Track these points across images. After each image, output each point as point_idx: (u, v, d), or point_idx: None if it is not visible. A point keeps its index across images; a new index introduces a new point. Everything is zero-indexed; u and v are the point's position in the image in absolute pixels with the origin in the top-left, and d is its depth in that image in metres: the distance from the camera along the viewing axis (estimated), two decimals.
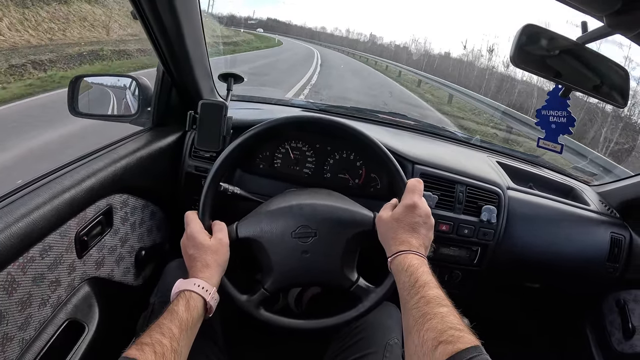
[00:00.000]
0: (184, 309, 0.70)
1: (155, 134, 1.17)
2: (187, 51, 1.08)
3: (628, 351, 1.29)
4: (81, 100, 1.17)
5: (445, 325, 0.57)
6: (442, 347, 0.54)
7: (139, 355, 0.58)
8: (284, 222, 0.88)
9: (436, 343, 0.55)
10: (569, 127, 0.96)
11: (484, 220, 1.19)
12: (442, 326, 0.57)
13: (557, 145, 0.99)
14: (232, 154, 0.93)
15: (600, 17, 0.74)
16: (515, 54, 0.83)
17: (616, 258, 1.29)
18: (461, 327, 0.57)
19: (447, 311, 0.61)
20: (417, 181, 0.87)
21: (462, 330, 0.56)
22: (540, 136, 1.01)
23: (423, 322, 0.60)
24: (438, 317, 0.59)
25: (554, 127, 0.97)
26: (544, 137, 1.00)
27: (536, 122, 1.00)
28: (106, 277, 1.00)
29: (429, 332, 0.58)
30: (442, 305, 0.62)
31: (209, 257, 0.80)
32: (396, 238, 0.79)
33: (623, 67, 0.91)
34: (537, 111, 1.00)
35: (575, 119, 0.95)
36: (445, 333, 0.56)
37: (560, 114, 0.96)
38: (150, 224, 1.18)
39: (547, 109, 0.97)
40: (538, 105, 0.99)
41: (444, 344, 0.54)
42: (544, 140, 1.00)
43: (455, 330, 0.56)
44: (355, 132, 0.94)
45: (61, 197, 0.78)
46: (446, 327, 0.57)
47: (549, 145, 1.00)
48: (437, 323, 0.58)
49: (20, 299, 0.72)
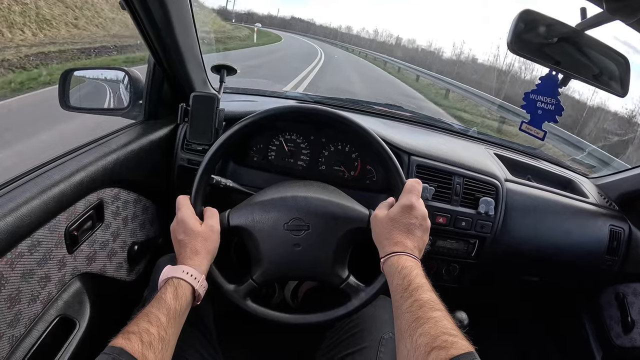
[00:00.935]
0: (172, 297, 0.69)
1: (146, 127, 1.15)
2: (177, 42, 1.06)
3: (627, 345, 1.28)
4: (73, 94, 1.16)
5: (438, 330, 0.57)
6: (435, 353, 0.53)
7: (126, 344, 0.58)
8: (277, 213, 0.87)
9: (429, 349, 0.54)
10: (555, 116, 0.94)
11: (482, 213, 1.18)
12: (435, 331, 0.57)
13: (540, 131, 0.97)
14: (230, 140, 0.90)
15: (600, 3, 0.73)
16: (513, 41, 0.82)
17: (615, 251, 1.28)
18: (455, 333, 0.56)
19: (440, 315, 0.60)
20: (416, 182, 0.85)
21: (456, 335, 0.56)
22: (524, 120, 0.99)
23: (416, 327, 0.59)
24: (431, 321, 0.58)
25: (540, 113, 0.95)
26: (527, 121, 0.98)
27: (522, 105, 0.98)
28: (98, 273, 0.99)
29: (422, 337, 0.57)
30: (435, 310, 0.61)
31: (199, 244, 0.79)
32: (391, 238, 0.78)
33: (623, 55, 0.90)
34: (525, 94, 0.97)
35: (563, 108, 0.93)
36: (438, 338, 0.55)
37: (550, 101, 0.93)
38: (142, 218, 1.17)
39: (536, 94, 0.95)
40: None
41: (437, 350, 0.53)
42: (527, 125, 0.98)
43: (449, 335, 0.55)
44: (357, 126, 0.92)
45: (50, 191, 0.77)
46: (440, 332, 0.56)
47: (532, 130, 0.97)
48: (431, 328, 0.57)
49: (9, 295, 0.71)
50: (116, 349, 0.57)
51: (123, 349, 0.57)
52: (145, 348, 0.59)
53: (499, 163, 1.38)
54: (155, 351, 0.60)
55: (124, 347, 0.57)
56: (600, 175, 1.54)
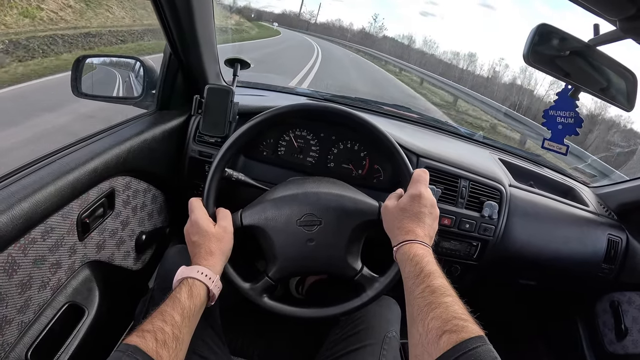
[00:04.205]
0: (187, 297, 0.69)
1: (159, 117, 1.16)
2: (197, 33, 1.06)
3: (620, 352, 1.31)
4: (85, 81, 1.15)
5: (449, 314, 0.58)
6: (446, 336, 0.54)
7: (140, 342, 0.58)
8: (289, 210, 0.88)
9: (440, 332, 0.55)
10: (576, 128, 0.95)
11: (486, 216, 1.20)
12: (446, 315, 0.58)
13: (563, 146, 0.98)
14: (238, 141, 0.92)
15: (613, 22, 0.74)
16: (528, 53, 0.83)
17: (612, 260, 1.31)
18: (466, 317, 0.57)
19: (451, 301, 0.61)
20: (422, 171, 0.87)
21: (466, 320, 0.57)
22: (545, 137, 1.00)
23: (428, 311, 0.60)
24: (443, 306, 0.59)
25: (561, 128, 0.97)
26: (549, 138, 0.99)
27: (543, 122, 0.99)
28: (106, 261, 1.00)
29: (433, 320, 0.58)
30: (447, 295, 0.62)
31: (213, 245, 0.80)
32: (402, 227, 0.79)
33: (632, 71, 0.91)
34: (544, 111, 0.98)
35: (582, 119, 0.95)
36: (449, 322, 0.56)
37: (568, 115, 0.95)
38: (151, 207, 1.18)
39: (555, 109, 0.96)
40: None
41: (449, 333, 0.54)
42: (550, 142, 0.99)
43: (459, 319, 0.56)
44: (364, 121, 0.94)
45: (64, 178, 0.77)
46: (451, 317, 0.57)
47: (554, 146, 0.99)
48: (442, 312, 0.58)
49: (21, 281, 0.72)
50: (131, 347, 0.57)
51: (138, 347, 0.57)
52: (160, 346, 0.59)
53: (503, 168, 1.40)
54: (169, 350, 0.60)
55: (139, 345, 0.58)
56: (600, 185, 1.56)
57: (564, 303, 1.58)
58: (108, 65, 1.27)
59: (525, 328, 1.75)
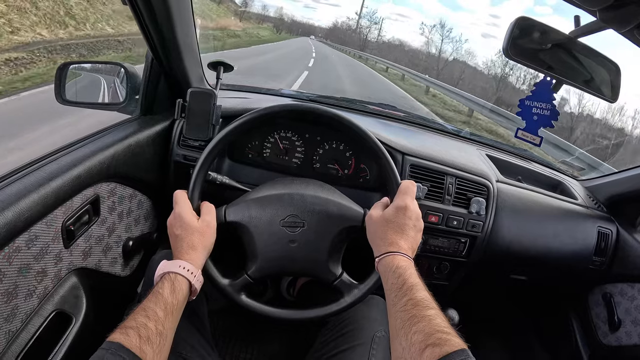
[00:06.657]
0: (169, 292, 0.69)
1: (143, 122, 1.15)
2: (177, 37, 1.06)
3: (613, 343, 1.31)
4: (69, 88, 1.14)
5: (432, 328, 0.58)
6: (429, 350, 0.54)
7: (124, 339, 0.58)
8: (274, 210, 0.88)
9: (424, 346, 0.55)
10: (551, 120, 0.95)
11: (473, 212, 1.20)
12: (429, 329, 0.58)
13: (537, 137, 0.98)
14: (227, 137, 0.91)
15: (593, 12, 0.74)
16: (508, 46, 0.83)
17: (603, 252, 1.31)
18: (448, 330, 0.57)
19: (434, 314, 0.61)
20: (410, 183, 0.86)
21: (449, 333, 0.57)
22: (519, 126, 1.00)
23: (411, 325, 0.60)
24: (426, 319, 0.59)
25: (536, 119, 0.97)
26: (523, 128, 0.99)
27: (518, 112, 0.99)
28: (93, 268, 0.99)
29: (416, 334, 0.58)
30: (429, 308, 0.62)
31: (195, 239, 0.79)
32: (385, 238, 0.79)
33: (614, 62, 0.92)
34: (520, 101, 0.99)
35: (559, 112, 0.94)
36: (432, 336, 0.56)
37: (545, 107, 0.95)
38: (137, 213, 1.17)
39: (532, 100, 0.97)
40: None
41: (432, 347, 0.54)
42: (523, 131, 0.99)
43: (442, 333, 0.56)
44: (354, 126, 0.93)
45: (47, 185, 0.77)
46: (434, 330, 0.57)
47: (528, 136, 0.99)
48: (425, 326, 0.58)
49: (6, 289, 0.71)
50: (114, 344, 0.57)
51: (121, 344, 0.57)
52: (143, 342, 0.59)
53: (491, 164, 1.40)
54: (153, 345, 0.60)
55: (122, 342, 0.57)
56: (589, 178, 1.57)
57: (557, 297, 1.58)
58: (92, 72, 1.27)
59: (519, 324, 1.75)
